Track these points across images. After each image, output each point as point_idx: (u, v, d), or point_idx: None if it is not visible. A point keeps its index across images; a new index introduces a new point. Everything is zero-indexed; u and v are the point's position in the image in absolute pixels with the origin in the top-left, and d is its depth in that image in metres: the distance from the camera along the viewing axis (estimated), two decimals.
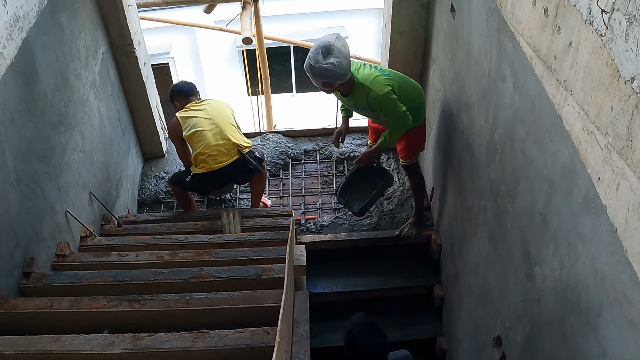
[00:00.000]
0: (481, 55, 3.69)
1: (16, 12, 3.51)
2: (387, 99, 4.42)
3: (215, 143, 5.00)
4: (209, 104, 5.24)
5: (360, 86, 4.45)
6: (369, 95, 4.43)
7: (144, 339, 2.96)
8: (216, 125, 5.05)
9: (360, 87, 4.45)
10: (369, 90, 4.42)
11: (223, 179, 5.24)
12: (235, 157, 5.02)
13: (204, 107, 5.18)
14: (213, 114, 5.12)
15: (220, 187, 5.47)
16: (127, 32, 5.44)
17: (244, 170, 5.16)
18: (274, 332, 2.93)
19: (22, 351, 2.89)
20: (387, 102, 4.43)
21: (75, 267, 3.95)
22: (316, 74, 4.26)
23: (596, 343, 2.33)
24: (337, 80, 4.32)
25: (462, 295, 4.62)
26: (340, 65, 4.21)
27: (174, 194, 5.78)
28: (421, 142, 5.13)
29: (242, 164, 5.07)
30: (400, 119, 4.52)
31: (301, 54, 13.79)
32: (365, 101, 4.49)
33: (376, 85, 4.41)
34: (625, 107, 1.94)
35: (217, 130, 5.03)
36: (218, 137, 5.00)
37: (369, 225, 5.76)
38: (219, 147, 5.00)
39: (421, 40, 5.56)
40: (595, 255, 2.30)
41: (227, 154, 5.01)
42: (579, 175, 2.37)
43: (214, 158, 5.00)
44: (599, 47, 2.10)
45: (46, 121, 3.90)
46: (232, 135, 5.04)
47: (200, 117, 5.09)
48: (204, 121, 5.07)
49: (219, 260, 4.02)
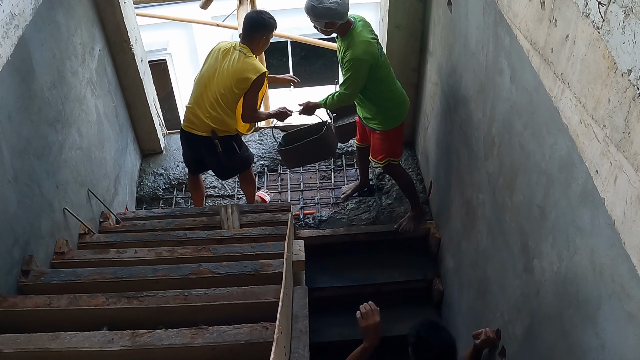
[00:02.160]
0: (478, 48, 3.69)
1: (12, 10, 3.50)
2: (357, 63, 4.38)
3: (193, 109, 4.76)
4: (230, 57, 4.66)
5: (351, 36, 4.43)
6: (349, 48, 4.40)
7: (143, 335, 2.96)
8: (207, 90, 4.69)
9: (350, 37, 4.43)
10: (352, 44, 4.40)
11: (190, 144, 4.96)
12: (204, 134, 4.76)
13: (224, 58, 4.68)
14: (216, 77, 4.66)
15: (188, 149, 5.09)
16: (124, 29, 5.43)
17: (210, 150, 4.87)
18: (273, 328, 2.93)
19: (21, 349, 2.89)
20: (352, 66, 4.39)
21: (73, 264, 3.94)
22: (319, 15, 4.28)
23: (595, 336, 2.33)
24: (339, 20, 4.33)
25: (462, 288, 4.62)
26: (343, 3, 4.26)
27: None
28: (392, 147, 5.01)
29: (209, 144, 4.83)
30: (345, 90, 4.53)
31: (298, 49, 13.80)
32: (343, 51, 4.47)
33: (360, 47, 4.38)
34: (622, 100, 1.93)
35: (204, 96, 4.69)
36: (200, 105, 4.70)
37: (367, 219, 5.76)
38: (196, 115, 4.74)
39: (418, 34, 5.56)
40: (593, 248, 2.30)
41: (199, 127, 4.74)
42: (577, 168, 2.37)
43: (189, 121, 4.79)
44: (595, 39, 2.10)
45: (43, 119, 3.89)
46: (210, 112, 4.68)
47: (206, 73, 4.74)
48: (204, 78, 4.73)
49: (217, 256, 4.02)
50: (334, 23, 4.34)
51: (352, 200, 5.96)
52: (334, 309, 5.46)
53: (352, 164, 6.52)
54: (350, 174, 6.45)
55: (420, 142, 6.11)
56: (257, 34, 4.67)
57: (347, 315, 5.49)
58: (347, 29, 4.44)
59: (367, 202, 5.91)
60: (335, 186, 6.29)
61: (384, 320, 3.53)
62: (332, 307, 5.42)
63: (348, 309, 5.51)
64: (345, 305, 5.53)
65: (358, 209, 5.85)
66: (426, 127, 5.69)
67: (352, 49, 4.38)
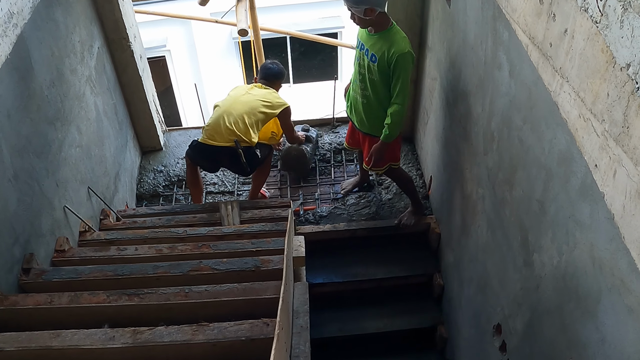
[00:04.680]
0: (477, 43, 3.68)
1: (10, 9, 3.49)
2: (410, 57, 4.35)
3: (217, 121, 5.06)
4: (251, 91, 5.33)
5: (391, 33, 4.39)
6: (393, 46, 4.33)
7: (144, 332, 2.96)
8: (231, 108, 5.11)
9: (391, 33, 4.38)
10: (395, 40, 4.35)
11: (209, 157, 5.26)
12: (227, 144, 5.02)
13: (247, 91, 5.31)
14: (240, 99, 5.19)
15: (205, 161, 5.41)
16: (122, 26, 5.43)
17: (232, 159, 5.16)
18: (274, 324, 2.93)
19: (22, 347, 2.89)
20: (407, 62, 4.35)
21: (74, 262, 3.94)
22: (359, 0, 4.20)
23: (595, 330, 2.34)
24: (379, 8, 4.24)
25: (462, 283, 4.63)
26: None
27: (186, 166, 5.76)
28: (393, 152, 4.97)
29: (233, 153, 5.07)
30: (405, 95, 4.45)
31: (297, 45, 13.80)
32: (386, 51, 4.36)
33: (406, 42, 4.36)
34: (621, 94, 1.94)
35: (228, 112, 5.07)
36: (224, 118, 5.05)
37: (367, 215, 5.76)
38: (219, 127, 5.04)
39: (417, 29, 5.55)
40: (593, 242, 2.30)
41: (222, 137, 5.03)
42: (576, 162, 2.38)
43: (210, 134, 5.07)
44: (594, 33, 2.10)
45: (42, 117, 3.89)
46: (235, 124, 5.03)
47: (231, 96, 5.28)
48: (228, 100, 5.22)
49: (217, 252, 4.02)
50: (374, 10, 4.23)
51: (352, 196, 5.97)
52: (334, 305, 5.47)
53: (352, 159, 6.52)
54: (350, 169, 6.45)
55: (420, 137, 6.11)
56: (278, 81, 5.59)
57: (347, 310, 5.54)
58: (386, 24, 4.39)
59: (367, 197, 5.92)
60: (335, 182, 6.28)
61: (385, 315, 3.53)
62: (333, 302, 5.44)
63: (348, 305, 5.55)
64: (346, 301, 5.57)
65: (358, 205, 5.86)
66: (425, 122, 5.69)
67: (397, 44, 4.33)
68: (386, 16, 4.38)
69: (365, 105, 4.76)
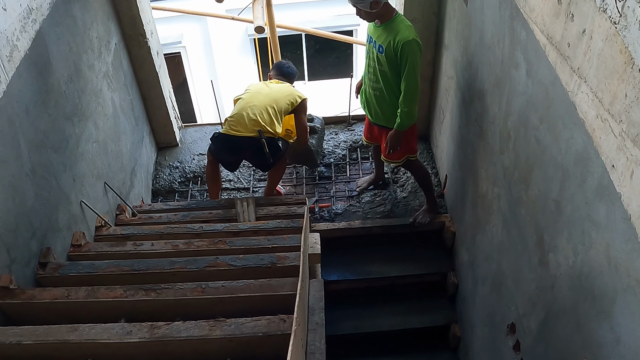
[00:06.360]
0: (494, 42, 3.68)
1: (29, 4, 3.53)
2: (415, 45, 4.37)
3: (240, 113, 5.12)
4: (270, 84, 5.48)
5: (396, 22, 4.43)
6: (398, 35, 4.38)
7: (161, 327, 2.98)
8: (255, 99, 5.20)
9: (396, 23, 4.43)
10: (400, 29, 4.39)
11: (233, 148, 5.26)
12: (251, 134, 5.05)
13: (265, 85, 5.46)
14: (262, 91, 5.31)
15: (228, 153, 5.42)
16: (140, 22, 5.46)
17: (256, 150, 5.17)
18: (290, 320, 2.94)
19: (40, 341, 2.92)
20: (413, 49, 4.37)
21: (91, 256, 3.98)
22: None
23: (610, 330, 2.34)
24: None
25: (476, 282, 4.62)
26: None
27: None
28: (409, 143, 4.99)
29: (256, 144, 5.09)
30: (415, 79, 4.46)
31: (313, 42, 13.78)
32: (391, 40, 4.41)
33: (410, 30, 4.39)
34: (639, 95, 1.93)
35: (252, 104, 5.14)
36: (248, 110, 5.12)
37: (382, 212, 5.76)
38: (242, 118, 5.08)
39: (433, 28, 5.55)
40: (609, 242, 2.30)
41: (246, 127, 5.06)
42: (593, 162, 2.37)
43: (234, 125, 5.10)
44: (612, 34, 2.09)
45: (60, 112, 3.93)
46: (260, 114, 5.09)
47: (252, 90, 5.36)
48: (250, 93, 5.32)
49: (234, 248, 4.04)
50: (378, 2, 4.31)
51: (367, 194, 5.97)
52: (349, 302, 5.48)
53: (367, 157, 6.53)
54: (366, 167, 6.46)
55: (436, 135, 6.10)
56: (293, 80, 5.83)
57: (361, 308, 5.54)
58: (390, 14, 4.45)
59: (382, 195, 5.92)
60: (350, 179, 6.29)
61: (398, 314, 3.53)
62: (347, 300, 5.45)
63: (363, 302, 5.56)
64: (360, 298, 5.58)
65: (373, 202, 5.86)
66: (441, 121, 5.69)
67: (401, 33, 4.37)
68: (390, 6, 4.45)
69: (378, 97, 4.80)
